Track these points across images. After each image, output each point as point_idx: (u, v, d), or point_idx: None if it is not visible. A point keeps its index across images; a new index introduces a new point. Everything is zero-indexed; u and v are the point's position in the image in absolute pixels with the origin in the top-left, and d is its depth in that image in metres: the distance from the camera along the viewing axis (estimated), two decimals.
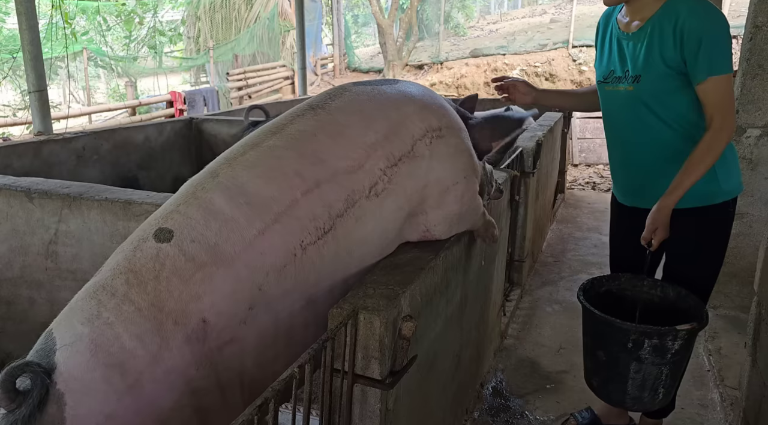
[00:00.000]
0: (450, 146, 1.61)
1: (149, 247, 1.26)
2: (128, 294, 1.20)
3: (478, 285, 2.25)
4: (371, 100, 1.56)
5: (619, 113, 1.98)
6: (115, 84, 13.46)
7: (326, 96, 1.58)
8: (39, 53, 3.44)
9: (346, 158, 1.43)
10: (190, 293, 1.22)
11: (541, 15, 17.54)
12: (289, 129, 1.46)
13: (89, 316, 1.19)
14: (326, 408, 1.32)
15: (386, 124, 1.51)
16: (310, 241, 1.35)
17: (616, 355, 1.79)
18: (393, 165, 1.48)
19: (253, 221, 1.30)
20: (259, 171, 1.37)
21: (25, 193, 2.37)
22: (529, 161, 3.20)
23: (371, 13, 15.44)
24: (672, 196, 1.82)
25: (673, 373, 1.81)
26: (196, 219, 1.29)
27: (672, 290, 1.94)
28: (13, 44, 9.81)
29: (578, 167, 7.54)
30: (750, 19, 2.98)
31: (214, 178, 1.36)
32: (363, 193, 1.42)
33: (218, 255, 1.26)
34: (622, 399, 1.84)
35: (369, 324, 1.31)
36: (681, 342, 1.73)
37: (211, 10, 13.74)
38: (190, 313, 1.21)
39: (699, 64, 1.74)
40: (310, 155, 1.41)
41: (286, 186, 1.35)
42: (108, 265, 1.29)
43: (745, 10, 3.29)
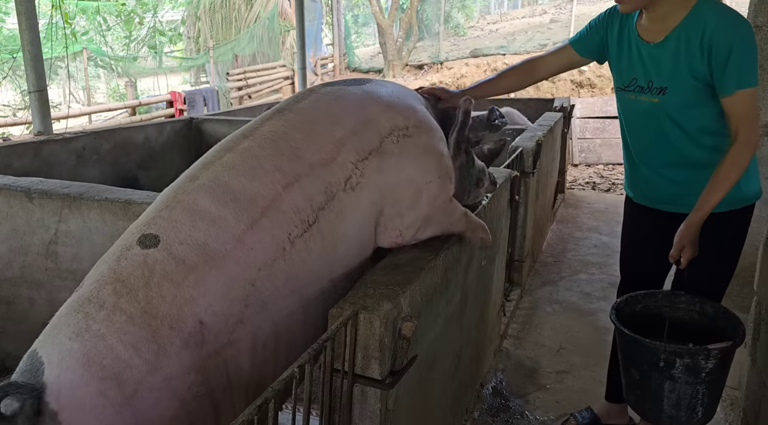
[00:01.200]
0: (418, 145, 1.61)
1: (134, 254, 1.24)
2: (118, 304, 1.17)
3: (478, 285, 2.25)
4: (337, 100, 1.59)
5: (640, 124, 1.94)
6: (115, 84, 13.46)
7: (293, 99, 1.61)
8: (39, 53, 3.44)
9: (319, 152, 1.45)
10: (184, 297, 1.20)
11: (541, 15, 17.55)
12: (260, 131, 1.48)
13: (77, 330, 1.15)
14: (326, 408, 1.32)
15: (352, 121, 1.53)
16: (297, 234, 1.36)
17: (648, 374, 1.78)
18: (363, 159, 1.50)
19: (240, 217, 1.30)
20: (240, 170, 1.38)
21: (25, 193, 2.37)
22: (529, 161, 3.20)
23: (371, 13, 15.44)
24: (699, 212, 1.78)
25: (711, 392, 1.76)
26: (182, 221, 1.28)
27: (710, 307, 1.90)
28: (13, 44, 9.81)
29: (578, 167, 7.55)
30: (750, 19, 2.99)
31: (194, 181, 1.37)
32: (339, 185, 1.44)
33: (209, 255, 1.25)
34: (659, 417, 1.82)
35: (369, 324, 1.31)
36: (715, 361, 1.69)
37: (211, 10, 13.74)
38: (186, 316, 1.20)
39: (727, 77, 1.70)
40: (286, 151, 1.43)
41: (268, 181, 1.37)
42: (90, 278, 1.26)
43: (745, 10, 3.29)
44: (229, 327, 1.25)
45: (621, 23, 1.94)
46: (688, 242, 1.81)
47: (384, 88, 1.69)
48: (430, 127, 1.69)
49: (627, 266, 2.23)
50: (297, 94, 1.65)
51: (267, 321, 1.32)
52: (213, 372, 1.24)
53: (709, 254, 1.89)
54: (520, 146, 3.20)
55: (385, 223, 1.58)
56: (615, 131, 7.23)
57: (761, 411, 2.03)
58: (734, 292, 3.18)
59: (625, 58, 1.92)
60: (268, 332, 1.33)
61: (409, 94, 1.77)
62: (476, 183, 1.99)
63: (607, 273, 3.88)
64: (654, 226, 2.05)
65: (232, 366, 1.27)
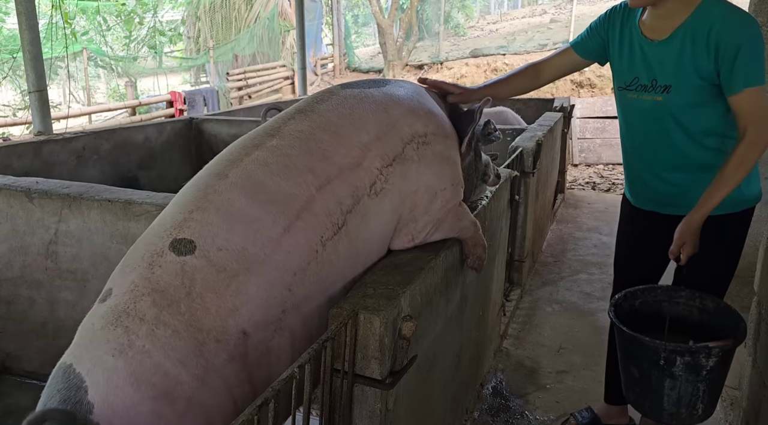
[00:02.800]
0: (436, 153, 1.62)
1: (170, 262, 1.17)
2: (160, 317, 1.11)
3: (478, 285, 2.25)
4: (360, 103, 1.56)
5: (642, 124, 1.91)
6: (115, 84, 13.45)
7: (313, 100, 1.57)
8: (39, 53, 3.44)
9: (347, 156, 1.43)
10: (227, 307, 1.16)
11: (541, 15, 17.55)
12: (286, 130, 1.44)
13: (119, 346, 1.09)
14: (326, 408, 1.32)
15: (376, 126, 1.52)
16: (328, 237, 1.33)
17: (648, 372, 1.77)
18: (388, 165, 1.49)
19: (278, 219, 1.27)
20: (274, 168, 1.33)
21: (25, 193, 2.37)
22: (529, 161, 3.20)
23: (371, 13, 15.44)
24: (702, 210, 1.76)
25: (711, 389, 1.75)
26: (218, 224, 1.22)
27: (711, 302, 1.89)
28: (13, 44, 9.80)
29: (578, 167, 7.55)
30: None
31: (223, 179, 1.31)
32: (365, 190, 1.43)
33: (249, 260, 1.20)
34: (659, 414, 1.81)
35: (369, 324, 1.31)
36: (716, 359, 1.68)
37: (211, 10, 13.74)
38: (230, 328, 1.15)
39: (735, 75, 1.68)
40: (315, 152, 1.40)
41: (301, 182, 1.33)
42: (119, 286, 1.18)
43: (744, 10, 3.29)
44: (269, 334, 1.22)
45: (623, 22, 1.91)
46: (689, 238, 1.79)
47: (404, 91, 1.67)
48: (446, 133, 1.69)
49: (622, 269, 2.20)
50: (316, 96, 1.60)
51: (300, 325, 1.30)
52: (255, 382, 1.21)
53: (709, 256, 1.88)
54: (520, 146, 3.20)
55: (400, 227, 1.59)
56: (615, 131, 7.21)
57: (761, 411, 2.03)
58: (734, 292, 3.18)
59: (627, 56, 1.89)
60: (301, 336, 1.31)
61: (427, 97, 1.75)
62: (482, 178, 2.03)
63: (607, 273, 3.87)
64: (652, 228, 2.02)
65: (270, 375, 1.24)
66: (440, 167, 1.62)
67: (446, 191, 1.63)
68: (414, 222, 1.60)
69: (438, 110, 1.73)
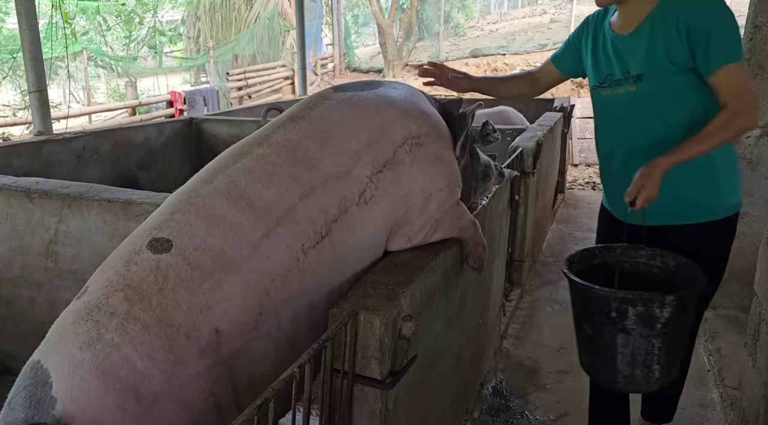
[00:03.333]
0: (430, 154, 1.61)
1: (145, 259, 1.19)
2: (131, 312, 1.12)
3: (478, 285, 2.25)
4: (352, 108, 1.56)
5: (619, 118, 1.85)
6: (115, 84, 13.46)
7: (306, 106, 1.57)
8: (39, 53, 3.44)
9: (335, 164, 1.43)
10: (200, 304, 1.17)
11: (541, 15, 17.56)
12: (274, 138, 1.45)
13: (88, 340, 1.09)
14: (326, 408, 1.32)
15: (368, 131, 1.51)
16: (310, 245, 1.34)
17: (600, 327, 1.66)
18: (378, 172, 1.48)
19: (257, 225, 1.28)
20: (257, 176, 1.35)
21: (25, 193, 2.37)
22: (529, 161, 3.20)
23: (371, 13, 15.44)
24: (671, 157, 1.67)
25: (668, 347, 1.63)
26: (197, 225, 1.24)
27: (672, 259, 1.79)
28: (13, 44, 9.81)
29: (578, 167, 7.55)
30: (750, 19, 2.99)
31: (208, 184, 1.33)
32: (353, 200, 1.43)
33: (225, 261, 1.22)
34: (613, 377, 1.69)
35: (369, 324, 1.31)
36: (671, 309, 1.57)
37: (211, 10, 13.74)
38: (202, 325, 1.16)
39: (711, 54, 1.64)
40: (301, 161, 1.40)
41: (284, 190, 1.34)
42: (95, 284, 1.20)
43: (745, 10, 3.29)
44: (244, 334, 1.23)
45: (596, 27, 1.93)
46: (649, 181, 1.67)
47: (397, 92, 1.67)
48: (440, 134, 1.68)
49: None
50: (309, 100, 1.61)
51: (277, 329, 1.31)
52: (226, 381, 1.21)
53: None
54: (520, 146, 3.20)
55: (395, 230, 1.59)
56: None
57: (761, 411, 2.03)
58: (734, 292, 3.19)
59: (600, 56, 1.89)
60: (277, 340, 1.31)
61: (420, 98, 1.75)
62: (483, 178, 2.01)
63: None
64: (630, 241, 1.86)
65: (244, 375, 1.25)
66: (434, 168, 1.61)
67: (442, 191, 1.63)
68: (409, 224, 1.60)
69: (432, 111, 1.72)
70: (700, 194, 1.79)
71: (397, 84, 1.76)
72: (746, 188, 2.94)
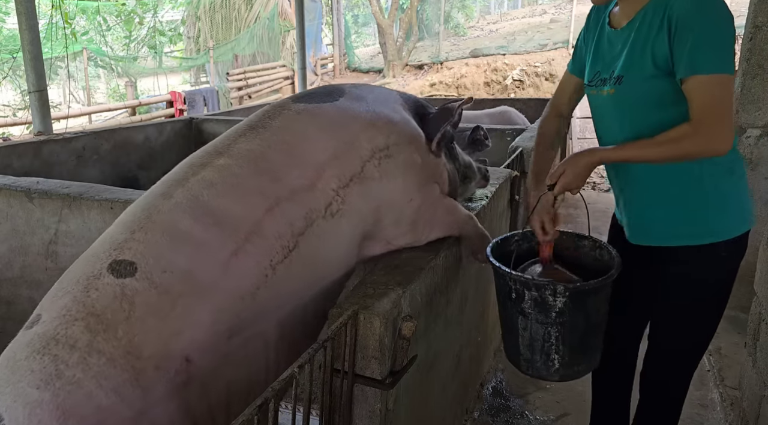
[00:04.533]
0: (399, 164, 1.54)
1: (107, 284, 1.10)
2: (93, 343, 1.03)
3: (478, 285, 2.25)
4: (315, 119, 1.48)
5: (604, 121, 1.70)
6: (115, 84, 13.46)
7: (264, 115, 1.49)
8: (39, 53, 3.45)
9: (300, 177, 1.37)
10: (170, 332, 1.09)
11: (541, 15, 17.55)
12: (235, 148, 1.38)
13: (45, 377, 0.99)
14: (326, 408, 1.32)
15: (333, 144, 1.44)
16: (278, 260, 1.28)
17: (504, 307, 1.67)
18: (345, 186, 1.43)
19: (226, 243, 1.21)
20: (221, 189, 1.28)
21: (25, 193, 2.37)
22: (530, 161, 3.19)
23: (371, 13, 15.44)
24: (608, 153, 1.55)
25: (565, 338, 1.59)
26: (161, 246, 1.16)
27: (607, 253, 1.74)
28: (13, 44, 9.81)
29: None
30: (750, 19, 2.99)
31: (168, 199, 1.25)
32: (320, 212, 1.37)
33: (194, 284, 1.15)
34: (517, 359, 1.70)
35: (369, 324, 1.31)
36: (563, 299, 1.53)
37: (211, 10, 13.74)
38: (172, 354, 1.09)
39: (685, 58, 1.41)
40: (266, 172, 1.34)
41: (249, 204, 1.28)
42: (49, 312, 1.09)
43: (745, 10, 3.29)
44: (215, 360, 1.17)
45: (597, 20, 1.75)
46: (571, 169, 1.56)
47: (360, 102, 1.57)
48: (410, 139, 1.60)
49: None
50: (267, 110, 1.52)
51: (245, 349, 1.26)
52: (197, 408, 1.16)
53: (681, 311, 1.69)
54: (520, 146, 3.20)
55: (370, 237, 1.55)
56: None
57: (761, 412, 2.03)
58: (734, 292, 3.18)
59: (593, 51, 1.72)
60: (248, 360, 1.27)
61: (386, 101, 1.64)
62: (462, 179, 1.93)
63: None
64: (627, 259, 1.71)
65: (215, 399, 1.20)
66: (404, 179, 1.55)
67: (413, 201, 1.58)
68: (383, 232, 1.56)
69: (399, 115, 1.62)
70: (703, 214, 1.60)
71: (362, 89, 1.65)
72: None
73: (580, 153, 1.57)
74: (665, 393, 1.83)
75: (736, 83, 3.05)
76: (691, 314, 1.69)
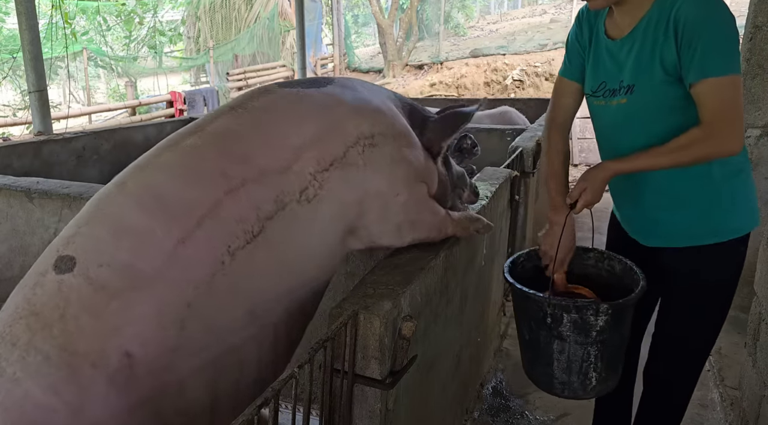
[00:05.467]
0: (386, 155, 1.46)
1: (49, 281, 1.09)
2: (32, 342, 1.04)
3: (478, 285, 2.25)
4: (299, 102, 1.42)
5: (611, 133, 1.70)
6: (115, 84, 13.47)
7: (247, 97, 1.44)
8: (39, 53, 3.45)
9: (273, 158, 1.30)
10: (107, 328, 1.07)
11: (541, 15, 17.55)
12: (209, 128, 1.33)
13: None
14: (326, 408, 1.32)
15: (315, 126, 1.38)
16: (238, 245, 1.21)
17: (537, 332, 1.62)
18: (324, 170, 1.35)
19: (171, 230, 1.15)
20: (177, 171, 1.23)
21: (25, 193, 2.37)
22: (529, 161, 3.20)
23: (371, 13, 15.44)
24: (619, 165, 1.56)
25: (604, 355, 1.59)
26: (103, 239, 1.13)
27: (618, 264, 1.75)
28: (13, 44, 9.81)
29: (578, 167, 7.54)
30: (750, 19, 2.99)
31: (121, 188, 1.22)
32: (293, 196, 1.30)
33: (134, 277, 1.10)
34: (551, 383, 1.66)
35: (369, 324, 1.31)
36: (605, 317, 1.53)
37: (211, 10, 13.75)
38: (110, 350, 1.07)
39: (694, 63, 1.44)
40: (234, 153, 1.28)
41: (208, 185, 1.21)
42: (6, 310, 1.12)
43: (745, 10, 3.29)
44: (163, 354, 1.12)
45: (590, 26, 1.74)
46: (592, 185, 1.58)
47: (348, 90, 1.52)
48: (399, 132, 1.52)
49: None
50: (252, 92, 1.47)
51: (207, 341, 1.20)
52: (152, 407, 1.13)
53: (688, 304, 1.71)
54: (520, 146, 3.20)
55: (352, 231, 1.47)
56: None
57: (761, 412, 2.03)
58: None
59: (593, 61, 1.71)
60: (210, 353, 1.21)
61: (377, 95, 1.59)
62: (452, 190, 1.83)
63: None
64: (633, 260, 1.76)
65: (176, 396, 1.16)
66: (391, 171, 1.47)
67: (400, 197, 1.49)
68: (366, 229, 1.47)
69: (388, 108, 1.56)
70: (717, 214, 1.62)
71: (350, 81, 1.60)
72: None
73: (596, 169, 1.60)
74: (669, 392, 1.83)
75: None
76: (700, 311, 1.71)
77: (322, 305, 1.53)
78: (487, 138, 4.08)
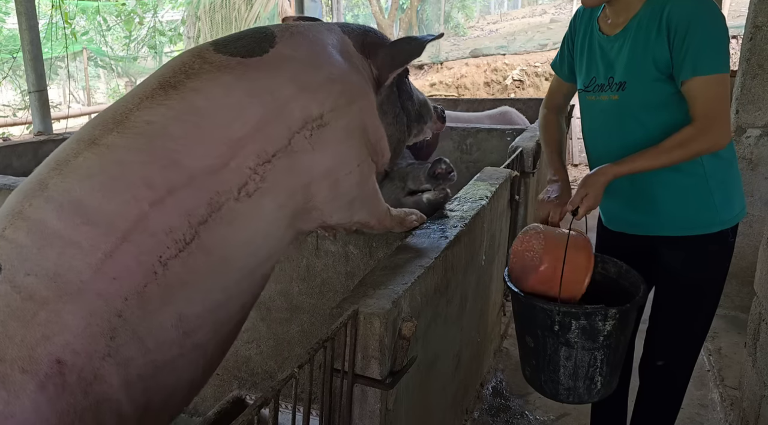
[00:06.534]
0: (337, 131, 1.37)
1: None
2: None
3: (478, 285, 2.25)
4: (239, 81, 1.28)
5: (603, 126, 1.74)
6: (115, 84, 13.48)
7: (181, 71, 1.29)
8: (39, 53, 3.45)
9: (205, 157, 1.21)
10: (36, 336, 1.05)
11: (541, 15, 17.56)
12: (133, 120, 1.21)
13: None
14: (326, 408, 1.32)
15: (255, 113, 1.27)
16: (170, 255, 1.16)
17: (543, 340, 1.62)
18: (266, 162, 1.26)
19: (97, 244, 1.11)
20: (97, 182, 1.15)
21: None
22: (529, 161, 3.20)
23: (371, 13, 15.44)
24: (619, 167, 1.58)
25: (610, 359, 1.62)
26: (28, 247, 1.10)
27: (613, 266, 1.76)
28: (13, 44, 9.82)
29: (578, 167, 7.55)
30: (750, 19, 2.99)
31: (43, 191, 1.16)
32: (230, 194, 1.22)
33: (62, 288, 1.08)
34: (556, 389, 1.66)
35: (369, 324, 1.31)
36: (613, 322, 1.55)
37: (211, 10, 13.74)
38: (40, 357, 1.05)
39: (685, 61, 1.49)
40: (159, 156, 1.19)
41: (130, 198, 1.15)
42: None
43: (745, 10, 3.29)
44: (95, 362, 1.10)
45: (585, 25, 1.79)
46: (593, 190, 1.59)
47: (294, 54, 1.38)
48: (351, 99, 1.42)
49: None
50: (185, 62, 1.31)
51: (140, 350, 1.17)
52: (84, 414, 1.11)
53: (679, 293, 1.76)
54: (520, 146, 3.20)
55: (302, 215, 1.40)
56: None
57: (761, 412, 2.03)
58: (734, 292, 3.18)
59: (586, 57, 1.76)
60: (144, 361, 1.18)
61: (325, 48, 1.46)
62: (417, 119, 1.80)
63: None
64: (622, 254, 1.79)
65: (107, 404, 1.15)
66: (343, 148, 1.40)
67: (352, 174, 1.43)
68: (317, 211, 1.41)
69: (339, 69, 1.44)
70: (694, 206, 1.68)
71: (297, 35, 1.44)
72: (746, 188, 2.94)
73: (595, 174, 1.61)
74: (669, 378, 1.87)
75: (735, 83, 3.05)
76: (694, 302, 1.77)
77: (323, 305, 1.53)
78: (487, 138, 4.08)
